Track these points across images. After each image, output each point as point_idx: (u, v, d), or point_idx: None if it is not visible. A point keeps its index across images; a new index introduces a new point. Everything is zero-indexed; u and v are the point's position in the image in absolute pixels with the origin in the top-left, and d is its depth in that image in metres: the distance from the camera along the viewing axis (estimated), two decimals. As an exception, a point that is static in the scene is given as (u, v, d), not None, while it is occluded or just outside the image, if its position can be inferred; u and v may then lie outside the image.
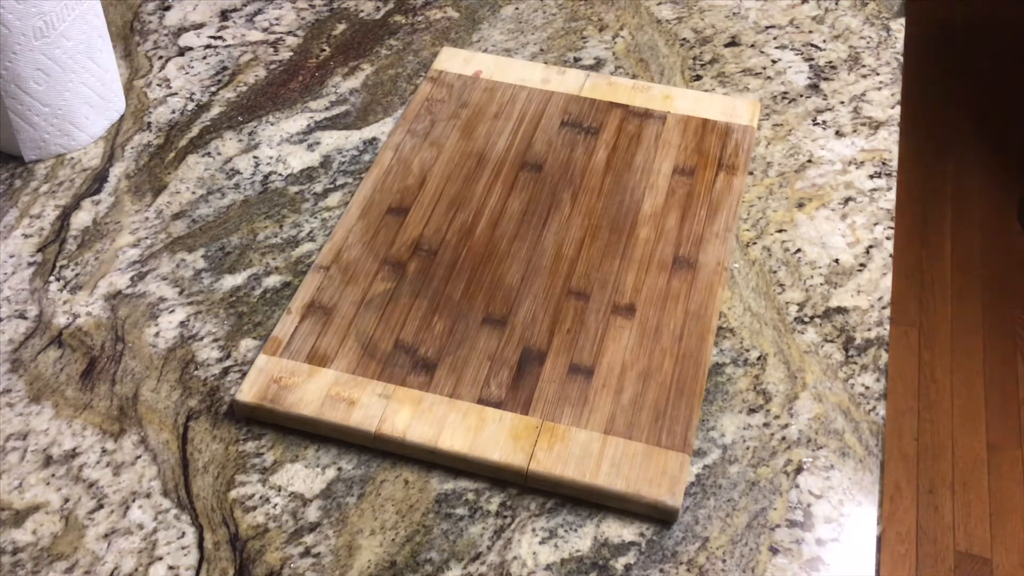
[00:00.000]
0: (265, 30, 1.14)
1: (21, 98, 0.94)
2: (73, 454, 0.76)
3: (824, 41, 1.11)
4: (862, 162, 0.98)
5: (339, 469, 0.75)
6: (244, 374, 0.79)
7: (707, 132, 0.99)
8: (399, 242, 0.89)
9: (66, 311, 0.85)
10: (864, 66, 1.09)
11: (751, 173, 0.95)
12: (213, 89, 1.06)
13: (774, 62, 1.09)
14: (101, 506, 0.73)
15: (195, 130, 1.02)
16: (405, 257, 0.88)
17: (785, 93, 1.06)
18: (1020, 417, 2.00)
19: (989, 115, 2.43)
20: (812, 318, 0.85)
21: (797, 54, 1.10)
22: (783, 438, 0.77)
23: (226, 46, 1.12)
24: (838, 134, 1.01)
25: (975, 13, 2.55)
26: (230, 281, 0.88)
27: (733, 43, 1.10)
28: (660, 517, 0.72)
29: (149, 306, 0.86)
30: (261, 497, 0.73)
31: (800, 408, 0.79)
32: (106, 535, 0.71)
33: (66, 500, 0.73)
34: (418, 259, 0.87)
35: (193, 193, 0.95)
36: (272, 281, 0.88)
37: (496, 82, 1.03)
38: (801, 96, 1.06)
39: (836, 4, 1.15)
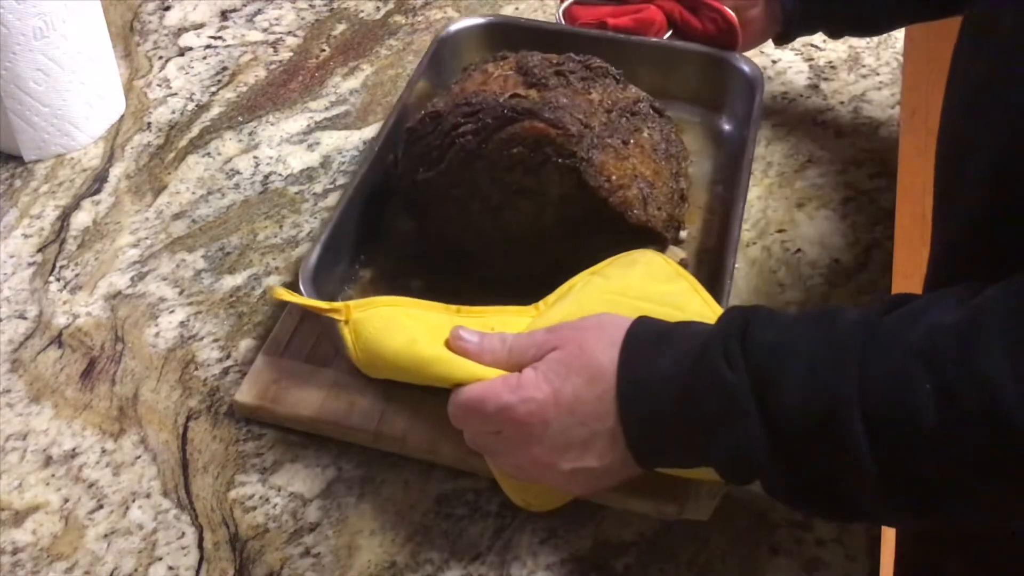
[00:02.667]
0: (265, 30, 1.14)
1: (21, 98, 0.94)
2: (73, 454, 0.76)
3: (824, 41, 1.11)
4: (862, 162, 0.98)
5: (339, 469, 0.75)
6: (244, 374, 0.79)
7: (707, 132, 0.99)
8: (399, 242, 0.89)
9: (66, 311, 0.85)
10: (864, 66, 1.09)
11: (752, 173, 0.95)
12: (213, 89, 1.06)
13: (774, 62, 1.09)
14: (101, 506, 0.73)
15: (195, 130, 1.02)
16: (405, 257, 0.88)
17: (785, 93, 1.06)
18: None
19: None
20: (812, 318, 0.84)
21: (797, 54, 1.10)
22: (783, 438, 0.77)
23: (226, 46, 1.12)
24: (838, 134, 1.01)
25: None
26: (230, 281, 0.88)
27: (733, 43, 1.10)
28: (660, 517, 0.72)
29: (149, 306, 0.86)
30: (261, 497, 0.73)
31: (800, 408, 0.79)
32: (106, 535, 0.71)
33: (66, 500, 0.73)
34: (418, 259, 0.88)
35: (193, 193, 0.95)
36: (272, 281, 0.87)
37: (496, 82, 1.04)
38: (801, 96, 1.05)
39: (836, 4, 1.15)
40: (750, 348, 0.59)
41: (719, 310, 0.71)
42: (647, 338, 0.63)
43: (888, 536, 0.83)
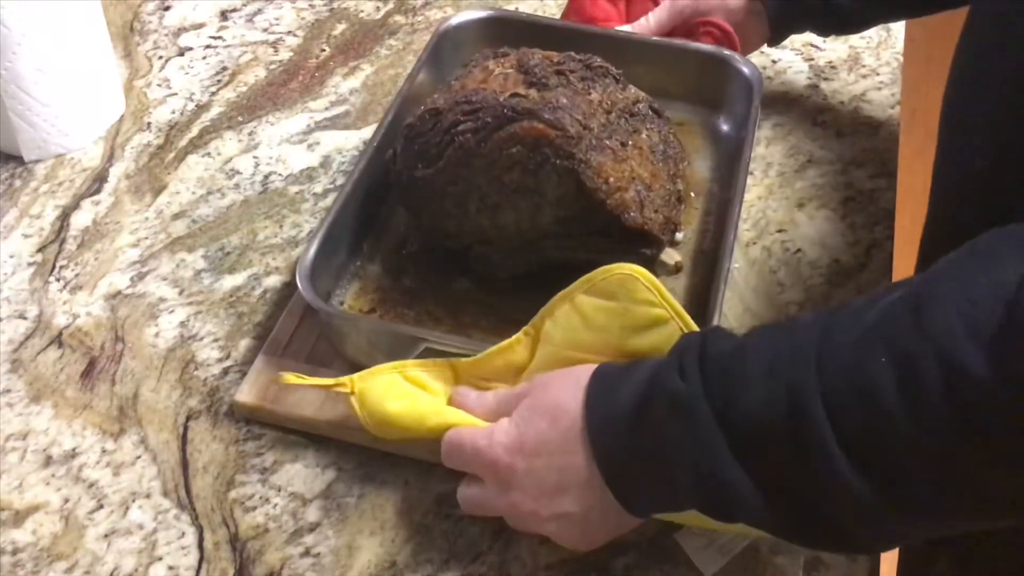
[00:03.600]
0: (265, 30, 1.14)
1: (21, 98, 0.94)
2: (73, 454, 0.76)
3: (824, 41, 1.11)
4: (862, 162, 0.98)
5: (339, 469, 0.75)
6: (244, 374, 0.79)
7: (706, 132, 0.99)
8: (399, 242, 0.89)
9: (66, 311, 0.85)
10: (864, 66, 1.09)
11: (751, 173, 0.95)
12: (213, 89, 1.06)
13: (774, 62, 1.09)
14: (101, 506, 0.73)
15: (195, 130, 1.02)
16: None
17: (785, 93, 1.06)
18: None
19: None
20: (812, 318, 0.84)
21: (797, 54, 1.10)
22: (783, 438, 0.77)
23: (226, 46, 1.12)
24: (838, 134, 1.01)
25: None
26: (230, 281, 0.88)
27: (733, 43, 1.10)
28: (660, 518, 0.72)
29: (149, 306, 0.86)
30: (261, 497, 0.73)
31: (800, 408, 0.79)
32: (106, 535, 0.71)
33: (66, 500, 0.73)
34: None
35: (193, 193, 0.95)
36: (272, 281, 0.87)
37: (496, 82, 1.04)
38: (801, 96, 1.06)
39: (836, 4, 1.15)
40: (705, 359, 0.58)
41: None
42: (611, 373, 0.64)
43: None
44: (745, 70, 0.95)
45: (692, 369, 0.58)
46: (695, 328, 0.67)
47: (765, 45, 1.02)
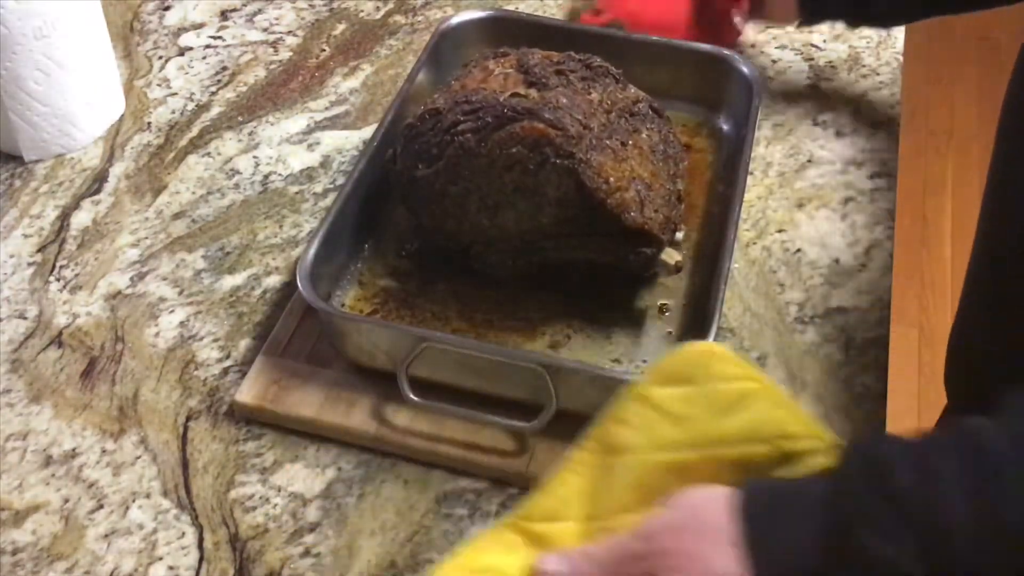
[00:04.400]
0: (265, 30, 1.14)
1: (21, 98, 0.94)
2: (73, 454, 0.76)
3: (824, 41, 1.11)
4: (862, 162, 0.98)
5: (339, 469, 0.75)
6: (244, 374, 0.79)
7: (707, 132, 0.99)
8: (399, 242, 0.89)
9: (66, 311, 0.85)
10: (864, 66, 1.09)
11: (751, 173, 0.95)
12: (213, 89, 1.06)
13: (774, 62, 1.09)
14: (101, 506, 0.73)
15: (195, 130, 1.02)
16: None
17: (785, 93, 1.06)
18: (1020, 417, 1.99)
19: (989, 114, 2.43)
20: (812, 318, 0.85)
21: (797, 54, 1.10)
22: (783, 438, 0.77)
23: (226, 46, 1.12)
24: (838, 134, 1.01)
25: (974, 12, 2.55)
26: (230, 281, 0.88)
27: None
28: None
29: (149, 306, 0.86)
30: (261, 497, 0.73)
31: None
32: (106, 535, 0.71)
33: (66, 500, 0.73)
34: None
35: (193, 193, 0.95)
36: (272, 281, 0.87)
37: (496, 82, 1.04)
38: (801, 96, 1.05)
39: (836, 4, 1.15)
40: (900, 502, 0.51)
41: (802, 413, 0.60)
42: (760, 524, 0.54)
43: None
44: (745, 70, 0.95)
45: (890, 522, 0.51)
46: (786, 397, 0.60)
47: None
